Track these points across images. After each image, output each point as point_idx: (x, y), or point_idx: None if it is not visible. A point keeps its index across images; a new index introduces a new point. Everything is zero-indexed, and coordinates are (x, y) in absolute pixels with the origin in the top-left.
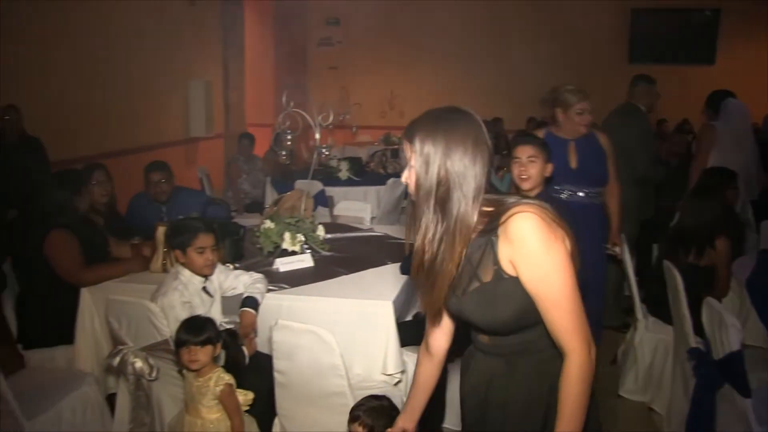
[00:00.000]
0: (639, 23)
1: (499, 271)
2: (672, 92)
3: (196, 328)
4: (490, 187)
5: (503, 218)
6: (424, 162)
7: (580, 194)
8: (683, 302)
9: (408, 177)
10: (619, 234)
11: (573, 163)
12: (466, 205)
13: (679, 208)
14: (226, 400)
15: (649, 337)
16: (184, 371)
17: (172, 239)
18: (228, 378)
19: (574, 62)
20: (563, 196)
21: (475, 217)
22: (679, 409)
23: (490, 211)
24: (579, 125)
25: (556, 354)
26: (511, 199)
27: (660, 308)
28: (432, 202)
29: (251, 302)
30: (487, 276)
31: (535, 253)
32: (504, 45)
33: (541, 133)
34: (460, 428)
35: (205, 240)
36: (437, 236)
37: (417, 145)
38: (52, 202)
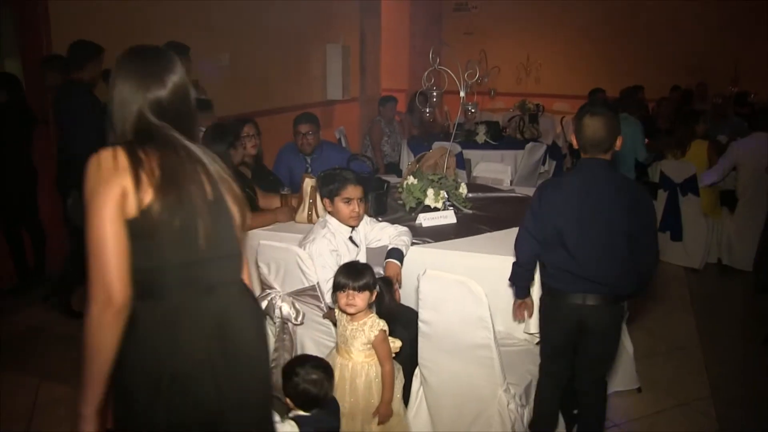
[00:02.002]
0: None
1: None
2: None
3: (355, 272)
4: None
5: None
6: None
7: None
8: None
9: None
10: None
11: None
12: None
13: None
14: (379, 346)
15: None
16: (338, 314)
17: (321, 188)
18: (382, 324)
19: (726, 24)
20: None
21: None
22: None
23: None
24: None
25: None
26: None
27: None
28: None
29: (396, 254)
30: None
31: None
32: (645, 7)
33: None
34: None
35: (353, 191)
36: None
37: None
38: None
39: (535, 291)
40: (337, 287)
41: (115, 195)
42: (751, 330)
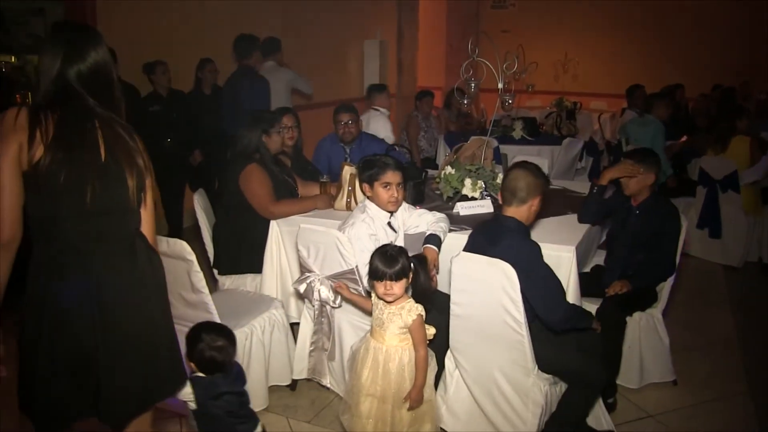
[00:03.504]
0: None
1: None
2: None
3: (390, 258)
4: None
5: None
6: None
7: None
8: None
9: None
10: None
11: None
12: None
13: None
14: (416, 330)
15: None
16: (374, 298)
17: (361, 173)
18: (420, 309)
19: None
20: None
21: None
22: None
23: None
24: None
25: None
26: None
27: None
28: None
29: (434, 240)
30: None
31: None
32: (684, 5)
33: None
34: None
35: (393, 176)
36: None
37: None
38: (247, 140)
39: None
40: (374, 275)
41: (13, 149)
42: None
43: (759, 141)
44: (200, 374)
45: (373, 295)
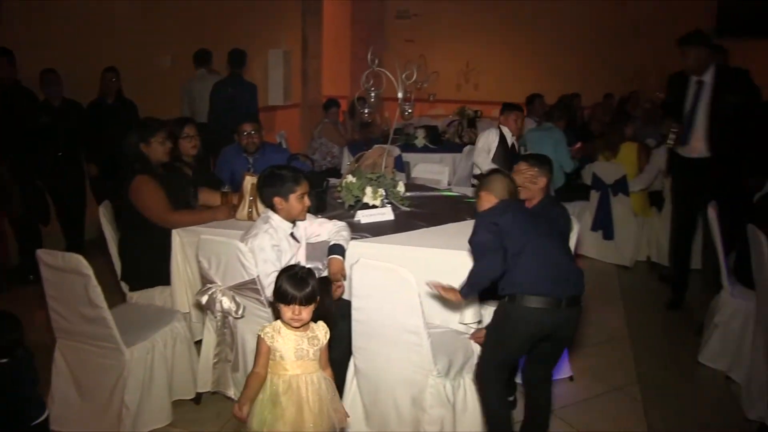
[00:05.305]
0: None
1: None
2: (763, 68)
3: (300, 280)
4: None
5: None
6: None
7: None
8: (767, 266)
9: None
10: None
11: None
12: None
13: None
14: (324, 350)
15: (732, 303)
16: (281, 328)
17: (270, 186)
18: (326, 326)
19: (654, 35)
20: None
21: None
22: (759, 378)
23: None
24: None
25: None
26: None
27: (747, 275)
28: None
29: (339, 249)
30: None
31: None
32: (582, 18)
33: None
34: None
35: (305, 186)
36: None
37: None
38: (125, 150)
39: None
40: (282, 299)
41: None
42: (679, 322)
43: (645, 147)
44: None
45: (271, 329)
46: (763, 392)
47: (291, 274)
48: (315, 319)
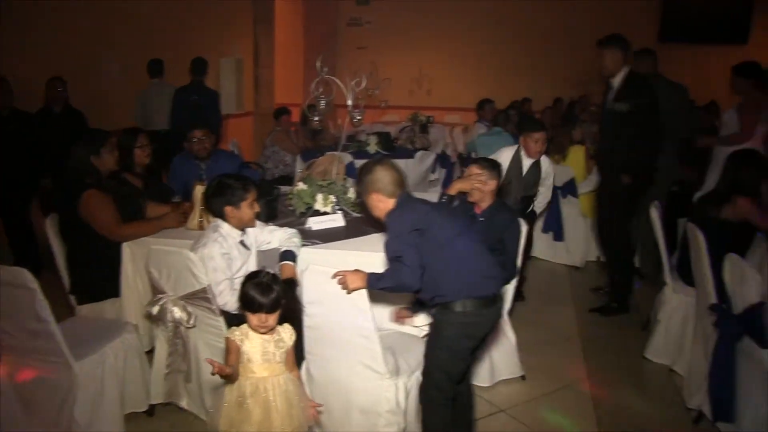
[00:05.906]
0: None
1: None
2: (702, 73)
3: (266, 287)
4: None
5: None
6: None
7: None
8: (705, 262)
9: None
10: None
11: None
12: None
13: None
14: (291, 352)
15: (674, 299)
16: (247, 332)
17: (221, 196)
18: (291, 328)
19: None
20: None
21: None
22: (699, 369)
23: None
24: None
25: None
26: None
27: (688, 271)
28: None
29: (290, 255)
30: None
31: None
32: (531, 24)
33: None
34: None
35: (254, 193)
36: None
37: None
38: (80, 164)
39: None
40: (248, 307)
41: None
42: (627, 319)
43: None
44: None
45: (253, 333)
46: (701, 383)
47: (256, 282)
48: (281, 321)
